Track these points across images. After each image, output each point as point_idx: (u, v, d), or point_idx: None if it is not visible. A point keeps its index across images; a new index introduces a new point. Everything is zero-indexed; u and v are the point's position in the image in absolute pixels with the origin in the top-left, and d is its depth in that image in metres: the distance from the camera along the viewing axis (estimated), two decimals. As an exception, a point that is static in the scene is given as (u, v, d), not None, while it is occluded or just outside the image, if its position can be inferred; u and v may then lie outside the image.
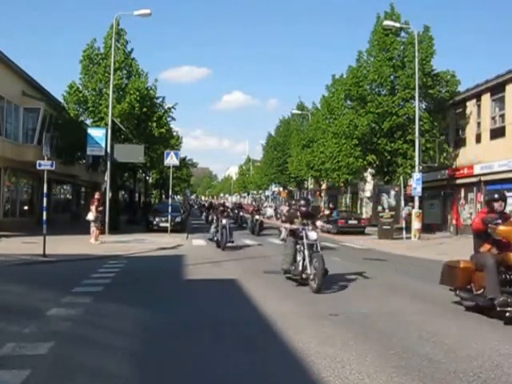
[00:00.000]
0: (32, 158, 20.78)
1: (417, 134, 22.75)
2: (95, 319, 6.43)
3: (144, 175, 41.17)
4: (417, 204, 22.93)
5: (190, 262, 12.77)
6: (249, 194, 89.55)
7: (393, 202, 23.83)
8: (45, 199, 13.64)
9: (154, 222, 24.23)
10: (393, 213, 23.67)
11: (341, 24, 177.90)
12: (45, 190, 13.78)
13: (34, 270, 11.16)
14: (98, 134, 22.75)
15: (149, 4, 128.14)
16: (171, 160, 22.13)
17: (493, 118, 24.06)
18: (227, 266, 12.38)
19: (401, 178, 24.56)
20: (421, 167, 23.32)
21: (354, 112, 25.78)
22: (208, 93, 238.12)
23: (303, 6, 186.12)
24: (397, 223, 23.99)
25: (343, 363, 4.61)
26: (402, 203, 24.26)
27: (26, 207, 25.88)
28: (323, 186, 47.29)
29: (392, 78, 25.16)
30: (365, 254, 16.87)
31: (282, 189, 60.08)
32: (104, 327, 6.01)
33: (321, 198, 48.19)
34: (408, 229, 22.40)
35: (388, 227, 23.27)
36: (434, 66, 24.88)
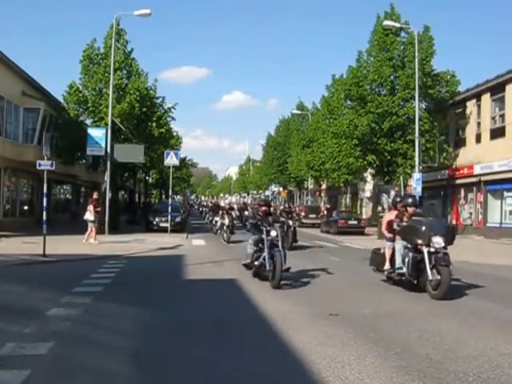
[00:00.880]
0: (32, 158, 20.79)
1: (417, 134, 22.74)
2: (95, 319, 6.43)
3: (144, 175, 41.18)
4: (417, 204, 22.91)
5: (190, 262, 12.78)
6: (249, 194, 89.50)
7: (393, 203, 23.80)
8: (45, 199, 13.64)
9: (154, 222, 24.24)
10: (393, 213, 23.62)
11: (341, 24, 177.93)
12: (45, 190, 13.78)
13: (34, 270, 11.17)
14: (97, 134, 22.78)
15: (149, 4, 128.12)
16: (171, 160, 22.16)
17: (493, 118, 24.07)
18: (227, 266, 12.37)
19: (401, 178, 24.56)
20: (421, 167, 23.30)
21: (354, 112, 25.77)
22: (208, 93, 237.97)
23: (303, 6, 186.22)
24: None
25: (343, 363, 4.61)
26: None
27: (25, 207, 25.90)
28: (323, 186, 47.31)
29: (392, 77, 25.15)
30: (364, 254, 16.83)
31: (281, 189, 60.05)
32: (104, 327, 6.01)
33: (321, 197, 48.18)
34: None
35: (388, 227, 23.21)
36: (434, 66, 24.91)
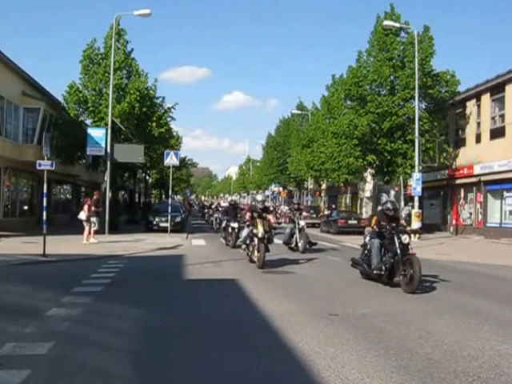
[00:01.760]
0: (32, 157, 20.79)
1: (417, 134, 22.75)
2: (95, 319, 6.43)
3: (144, 175, 41.18)
4: (417, 204, 22.93)
5: (190, 262, 12.77)
6: (249, 194, 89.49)
7: (393, 202, 23.81)
8: (45, 199, 13.64)
9: (154, 222, 24.24)
10: (393, 213, 23.64)
11: (341, 24, 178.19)
12: (45, 190, 13.78)
13: (34, 270, 11.16)
14: (97, 133, 22.79)
15: (149, 4, 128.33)
16: (171, 160, 22.16)
17: (493, 118, 24.06)
18: (227, 265, 12.39)
19: (401, 178, 24.56)
20: (421, 167, 23.31)
21: (354, 112, 25.78)
22: (208, 93, 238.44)
23: (303, 6, 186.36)
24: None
25: (343, 363, 4.61)
26: (402, 203, 24.24)
27: (25, 207, 25.89)
28: (323, 186, 47.30)
29: (392, 78, 25.18)
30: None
31: (281, 189, 60.05)
32: (104, 327, 6.00)
33: (321, 197, 48.18)
34: (408, 229, 22.38)
35: (388, 227, 23.23)
36: (434, 66, 24.94)
